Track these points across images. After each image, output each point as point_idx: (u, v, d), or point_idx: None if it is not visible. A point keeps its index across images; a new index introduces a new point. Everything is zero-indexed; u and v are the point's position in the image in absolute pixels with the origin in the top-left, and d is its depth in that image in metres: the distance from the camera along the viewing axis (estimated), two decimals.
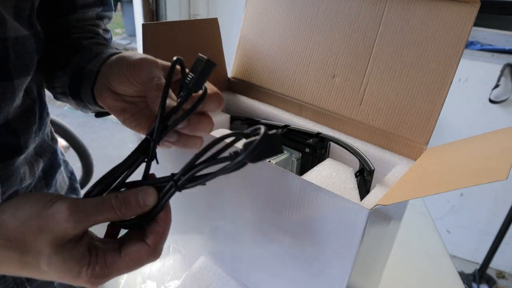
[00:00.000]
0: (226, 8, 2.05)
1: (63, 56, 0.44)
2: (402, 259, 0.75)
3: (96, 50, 0.42)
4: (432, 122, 0.50)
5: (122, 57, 0.36)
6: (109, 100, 0.37)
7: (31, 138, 0.40)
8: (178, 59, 0.33)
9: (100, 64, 0.38)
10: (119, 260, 0.29)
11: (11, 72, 0.34)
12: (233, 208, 0.50)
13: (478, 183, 0.28)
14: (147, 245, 0.30)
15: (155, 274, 0.60)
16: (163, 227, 0.31)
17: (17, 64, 0.35)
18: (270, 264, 0.48)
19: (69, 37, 0.45)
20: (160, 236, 0.31)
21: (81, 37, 0.45)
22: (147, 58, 0.35)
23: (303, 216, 0.41)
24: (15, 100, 0.36)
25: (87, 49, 0.43)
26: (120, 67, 0.35)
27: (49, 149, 0.47)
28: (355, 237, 0.37)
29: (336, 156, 0.58)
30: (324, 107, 0.60)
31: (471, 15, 0.46)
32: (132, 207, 0.29)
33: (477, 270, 1.77)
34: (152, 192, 0.30)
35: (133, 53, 0.37)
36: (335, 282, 0.41)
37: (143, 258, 0.30)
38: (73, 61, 0.42)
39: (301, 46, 0.61)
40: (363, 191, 0.48)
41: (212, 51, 0.67)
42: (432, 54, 0.49)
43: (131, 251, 0.29)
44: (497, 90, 1.60)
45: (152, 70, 0.34)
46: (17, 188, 0.40)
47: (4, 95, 0.34)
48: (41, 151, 0.45)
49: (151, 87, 0.33)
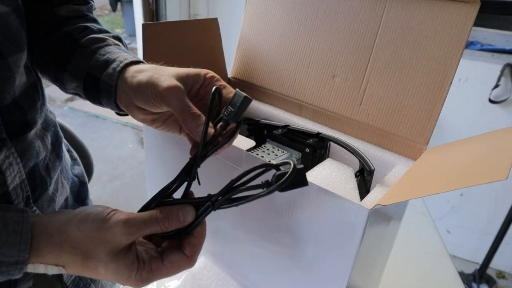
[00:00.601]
0: (226, 8, 2.05)
1: (61, 54, 0.44)
2: (402, 259, 0.75)
3: (99, 53, 0.42)
4: (432, 122, 0.50)
5: (145, 82, 0.37)
6: (139, 114, 0.40)
7: (38, 113, 0.42)
8: (217, 89, 0.36)
9: (116, 78, 0.40)
10: (162, 267, 0.34)
11: (1, 52, 0.35)
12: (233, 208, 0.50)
13: (478, 183, 0.28)
14: (185, 256, 0.35)
15: None
16: (199, 241, 0.36)
17: (5, 42, 0.35)
18: (270, 264, 0.48)
19: (61, 31, 0.45)
20: (196, 248, 0.36)
21: (74, 31, 0.46)
22: (174, 87, 0.36)
23: (303, 216, 0.41)
24: (15, 78, 0.37)
25: (87, 50, 0.43)
26: (146, 93, 0.36)
27: (51, 122, 0.48)
28: (355, 237, 0.37)
29: (336, 156, 0.58)
30: (324, 107, 0.60)
31: (471, 15, 0.46)
32: (174, 222, 0.34)
33: (477, 270, 1.77)
34: (191, 210, 0.35)
35: (153, 73, 0.37)
36: (335, 282, 0.41)
37: (181, 266, 0.35)
38: (76, 62, 0.43)
39: (301, 46, 0.61)
40: (363, 191, 0.48)
41: (212, 51, 0.67)
42: (432, 54, 0.49)
43: (172, 260, 0.34)
44: (497, 90, 1.60)
45: (182, 99, 0.36)
46: (36, 161, 0.42)
47: (2, 75, 0.35)
48: (46, 125, 0.46)
49: (186, 118, 0.35)
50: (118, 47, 0.45)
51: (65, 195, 0.49)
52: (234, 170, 0.47)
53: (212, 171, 0.50)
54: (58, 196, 0.47)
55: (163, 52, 0.58)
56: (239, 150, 0.45)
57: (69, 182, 0.51)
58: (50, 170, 0.45)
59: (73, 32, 0.45)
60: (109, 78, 0.40)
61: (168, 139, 0.55)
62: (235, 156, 0.46)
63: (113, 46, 0.44)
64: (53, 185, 0.46)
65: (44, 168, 0.44)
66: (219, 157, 0.48)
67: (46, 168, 0.44)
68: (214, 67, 0.68)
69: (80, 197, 0.54)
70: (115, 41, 0.46)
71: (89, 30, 0.46)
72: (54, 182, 0.46)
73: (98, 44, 0.44)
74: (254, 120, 0.63)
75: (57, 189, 0.47)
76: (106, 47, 0.43)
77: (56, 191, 0.46)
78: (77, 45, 0.44)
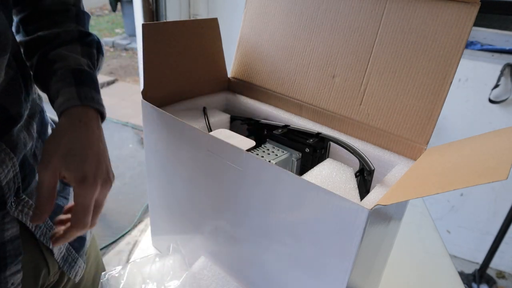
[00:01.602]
0: (226, 8, 2.05)
1: (32, 56, 0.47)
2: (402, 259, 0.75)
3: (56, 76, 0.45)
4: (432, 122, 0.50)
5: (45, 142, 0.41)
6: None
7: (22, 107, 0.42)
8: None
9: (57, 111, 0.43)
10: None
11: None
12: (233, 208, 0.50)
13: (478, 183, 0.28)
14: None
15: (155, 274, 0.60)
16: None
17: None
18: (270, 264, 0.48)
19: (36, 34, 0.47)
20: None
21: (48, 38, 0.48)
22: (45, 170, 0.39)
23: (303, 216, 0.41)
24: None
25: (50, 67, 0.46)
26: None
27: (38, 108, 0.48)
28: (355, 237, 0.37)
29: (336, 156, 0.58)
30: (324, 107, 0.60)
31: (471, 15, 0.46)
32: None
33: (477, 270, 1.77)
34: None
35: (53, 138, 0.41)
36: (335, 282, 0.41)
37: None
38: (39, 69, 0.46)
39: (301, 46, 0.61)
40: (363, 191, 0.48)
41: (212, 51, 0.67)
42: (432, 54, 0.49)
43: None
44: (497, 90, 1.60)
45: (47, 182, 0.39)
46: (24, 152, 0.42)
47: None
48: (32, 113, 0.46)
49: (40, 201, 0.39)
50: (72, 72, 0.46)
51: None
52: (234, 170, 0.47)
53: (212, 171, 0.50)
54: None
55: (163, 52, 0.58)
56: (239, 150, 0.45)
57: None
58: (38, 156, 0.46)
59: (44, 42, 0.47)
60: (55, 106, 0.44)
61: (168, 140, 0.55)
62: (235, 156, 0.46)
63: (68, 72, 0.45)
64: None
65: (32, 156, 0.45)
66: (219, 157, 0.48)
67: (33, 156, 0.45)
68: (214, 67, 0.68)
69: None
70: (76, 61, 0.47)
71: (59, 40, 0.48)
72: None
73: (59, 63, 0.46)
74: (254, 120, 0.63)
75: None
76: (61, 72, 0.45)
77: None
78: (44, 57, 0.46)
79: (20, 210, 0.42)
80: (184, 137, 0.52)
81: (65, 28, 0.48)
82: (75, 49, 0.48)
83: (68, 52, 0.47)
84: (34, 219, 0.38)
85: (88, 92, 0.44)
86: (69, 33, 0.49)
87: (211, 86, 0.69)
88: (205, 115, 0.60)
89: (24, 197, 0.43)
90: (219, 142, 0.47)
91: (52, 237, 0.41)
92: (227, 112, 0.66)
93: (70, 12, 0.50)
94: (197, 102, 0.65)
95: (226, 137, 0.48)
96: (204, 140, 0.49)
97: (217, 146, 0.48)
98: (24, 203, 0.43)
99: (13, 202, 0.41)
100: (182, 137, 0.52)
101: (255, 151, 0.56)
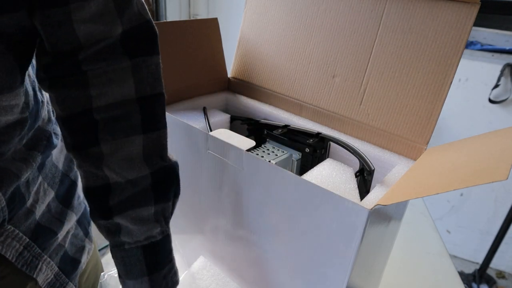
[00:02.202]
0: (226, 8, 2.05)
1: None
2: (402, 259, 0.75)
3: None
4: (432, 122, 0.50)
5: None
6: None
7: (10, 148, 0.37)
8: None
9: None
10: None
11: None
12: (233, 208, 0.50)
13: (478, 183, 0.28)
14: None
15: None
16: None
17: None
18: (270, 264, 0.48)
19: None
20: None
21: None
22: None
23: (303, 216, 0.41)
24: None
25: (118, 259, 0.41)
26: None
27: (44, 136, 0.43)
28: (355, 237, 0.37)
29: (336, 156, 0.58)
30: (324, 107, 0.60)
31: (471, 15, 0.46)
32: None
33: (477, 270, 1.77)
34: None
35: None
36: (335, 282, 0.41)
37: None
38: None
39: (301, 46, 0.61)
40: (363, 191, 0.48)
41: (212, 51, 0.67)
42: (432, 54, 0.49)
43: None
44: (497, 90, 1.60)
45: None
46: (17, 183, 0.38)
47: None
48: (34, 142, 0.42)
49: None
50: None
51: (47, 201, 0.46)
52: (234, 170, 0.47)
53: (212, 171, 0.50)
54: (38, 206, 0.43)
55: (163, 52, 0.58)
56: (239, 150, 0.45)
57: (55, 187, 0.47)
58: (30, 184, 0.41)
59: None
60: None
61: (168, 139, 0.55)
62: (235, 156, 0.46)
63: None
64: (33, 196, 0.42)
65: (24, 185, 0.41)
66: (219, 157, 0.48)
67: (26, 184, 0.41)
68: (214, 67, 0.68)
69: (67, 199, 0.50)
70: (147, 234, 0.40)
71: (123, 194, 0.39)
72: (34, 194, 0.42)
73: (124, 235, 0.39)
74: (254, 120, 0.63)
75: (38, 199, 0.43)
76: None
77: (37, 201, 0.43)
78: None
79: (2, 241, 0.38)
80: (184, 137, 0.52)
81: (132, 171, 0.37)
82: (146, 210, 0.39)
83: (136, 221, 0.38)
84: None
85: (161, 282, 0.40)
86: (138, 182, 0.38)
87: (211, 86, 0.69)
88: (205, 115, 0.60)
89: (10, 227, 0.39)
90: (219, 142, 0.47)
91: None
92: (227, 112, 0.66)
93: (134, 120, 0.37)
94: (197, 102, 0.65)
95: (226, 137, 0.48)
96: (204, 140, 0.49)
97: (217, 146, 0.48)
98: (8, 234, 0.39)
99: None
100: (182, 137, 0.52)
101: (255, 151, 0.56)
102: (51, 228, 0.45)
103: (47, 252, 0.44)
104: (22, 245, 0.40)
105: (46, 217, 0.44)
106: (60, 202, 0.48)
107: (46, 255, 0.44)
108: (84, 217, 0.53)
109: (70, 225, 0.49)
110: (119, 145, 0.36)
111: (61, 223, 0.47)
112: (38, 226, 0.43)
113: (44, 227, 0.44)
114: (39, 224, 0.43)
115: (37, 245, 0.43)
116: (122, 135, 0.36)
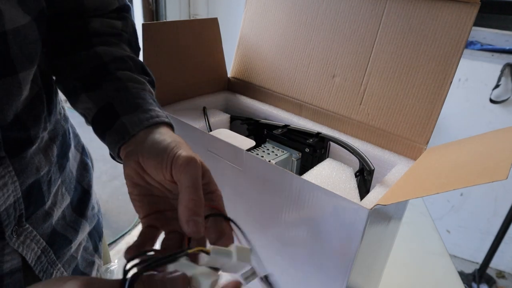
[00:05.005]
0: (226, 8, 2.05)
1: (87, 75, 0.41)
2: (402, 259, 0.75)
3: (133, 93, 0.39)
4: (432, 122, 0.50)
5: (166, 146, 0.34)
6: (132, 170, 0.35)
7: (41, 128, 0.39)
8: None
9: (139, 129, 0.36)
10: None
11: (15, 66, 0.33)
12: (233, 208, 0.50)
13: (478, 183, 0.28)
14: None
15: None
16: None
17: (20, 56, 0.33)
18: (270, 263, 0.48)
19: (92, 50, 0.42)
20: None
21: (107, 54, 0.42)
22: (195, 161, 0.32)
23: (303, 216, 0.41)
24: (22, 94, 0.35)
25: (120, 83, 0.40)
26: (163, 156, 0.33)
27: (61, 130, 0.45)
28: (355, 237, 0.37)
29: (336, 156, 0.58)
30: (324, 107, 0.60)
31: (471, 15, 0.46)
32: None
33: (477, 270, 1.77)
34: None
35: (173, 139, 0.35)
36: (335, 282, 0.41)
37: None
38: (103, 90, 0.40)
39: (301, 46, 0.61)
40: (363, 191, 0.48)
41: (212, 51, 0.67)
42: (432, 54, 0.49)
43: None
44: (497, 90, 1.60)
45: (197, 175, 0.32)
46: (36, 178, 0.39)
47: (11, 91, 0.33)
48: (54, 135, 0.43)
49: (192, 198, 0.30)
50: (152, 96, 0.41)
51: (64, 206, 0.46)
52: (234, 170, 0.47)
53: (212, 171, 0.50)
54: (56, 210, 0.44)
55: (163, 52, 0.58)
56: (239, 150, 0.45)
57: (71, 192, 0.48)
58: (52, 184, 0.42)
59: (104, 56, 0.41)
60: (131, 124, 0.37)
61: None
62: (235, 156, 0.46)
63: (148, 93, 0.41)
64: (52, 198, 0.43)
65: (47, 183, 0.41)
66: (219, 157, 0.48)
67: (48, 183, 0.41)
68: (214, 67, 0.68)
69: (80, 208, 0.50)
70: (151, 88, 0.42)
71: (127, 65, 0.42)
72: (53, 195, 0.43)
73: (134, 83, 0.40)
74: (254, 120, 0.63)
75: (56, 202, 0.44)
76: (141, 92, 0.40)
77: (55, 204, 0.43)
78: (108, 73, 0.40)
79: (22, 242, 0.38)
80: (184, 137, 0.52)
81: (123, 53, 0.43)
82: (141, 80, 0.42)
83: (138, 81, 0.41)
84: (195, 229, 0.30)
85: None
86: (132, 59, 0.43)
87: (211, 86, 0.69)
88: (205, 115, 0.60)
89: (28, 226, 0.39)
90: (219, 142, 0.47)
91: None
92: (227, 112, 0.66)
93: (123, 37, 0.45)
94: (197, 102, 0.65)
95: (226, 137, 0.48)
96: (204, 140, 0.49)
97: (217, 146, 0.48)
98: (26, 234, 0.39)
99: (14, 232, 0.37)
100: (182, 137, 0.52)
101: (255, 151, 0.56)
102: (66, 235, 0.46)
103: (61, 261, 0.44)
104: (40, 249, 0.40)
105: (61, 224, 0.44)
106: (74, 210, 0.48)
107: (60, 264, 0.44)
108: (95, 230, 0.53)
109: (84, 235, 0.49)
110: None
111: (75, 231, 0.47)
112: (54, 232, 0.43)
113: (60, 233, 0.44)
114: (55, 230, 0.43)
115: (53, 251, 0.42)
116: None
